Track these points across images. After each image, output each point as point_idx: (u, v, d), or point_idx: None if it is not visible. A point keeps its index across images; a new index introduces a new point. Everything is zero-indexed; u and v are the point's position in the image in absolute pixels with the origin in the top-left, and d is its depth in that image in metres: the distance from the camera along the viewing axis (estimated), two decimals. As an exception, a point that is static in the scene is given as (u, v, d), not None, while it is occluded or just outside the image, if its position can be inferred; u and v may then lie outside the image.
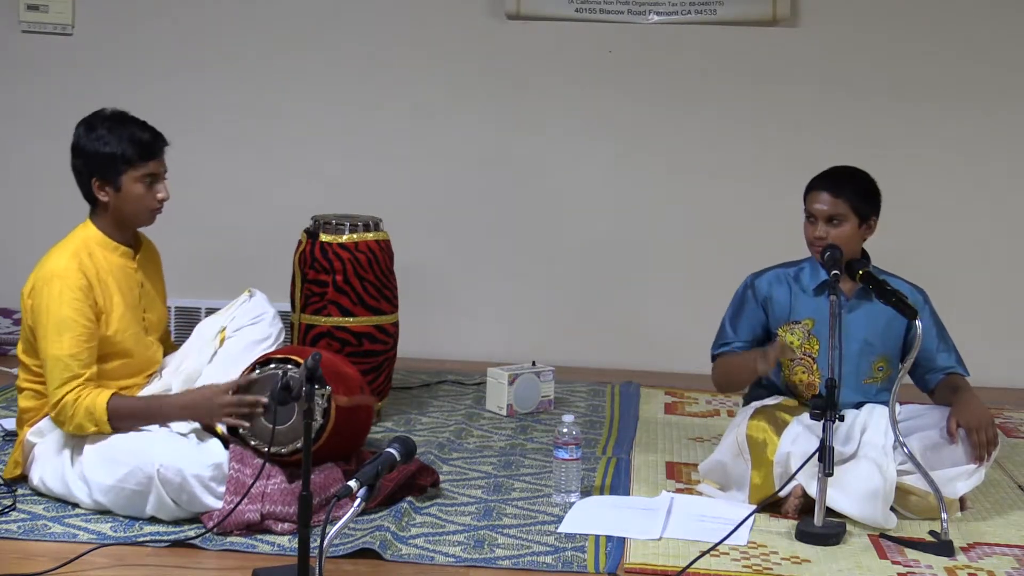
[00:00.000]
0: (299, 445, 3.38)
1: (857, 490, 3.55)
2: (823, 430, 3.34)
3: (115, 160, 3.50)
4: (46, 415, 3.55)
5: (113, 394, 3.44)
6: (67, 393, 3.41)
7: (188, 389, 3.57)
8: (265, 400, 3.42)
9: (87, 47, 5.72)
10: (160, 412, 3.48)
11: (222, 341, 3.74)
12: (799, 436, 3.59)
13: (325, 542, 2.74)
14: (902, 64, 5.51)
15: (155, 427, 3.48)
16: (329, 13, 5.65)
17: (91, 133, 3.52)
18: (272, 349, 3.72)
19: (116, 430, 3.42)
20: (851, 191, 3.76)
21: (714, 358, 4.00)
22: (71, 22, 5.71)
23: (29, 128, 5.76)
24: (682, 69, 5.59)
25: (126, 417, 3.43)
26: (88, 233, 3.59)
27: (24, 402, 3.63)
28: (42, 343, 3.46)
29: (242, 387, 3.46)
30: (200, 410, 3.47)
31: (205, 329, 3.79)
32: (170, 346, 3.88)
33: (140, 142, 3.52)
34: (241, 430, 3.46)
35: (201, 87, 5.66)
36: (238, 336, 3.75)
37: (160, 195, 3.57)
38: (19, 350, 3.63)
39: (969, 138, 5.53)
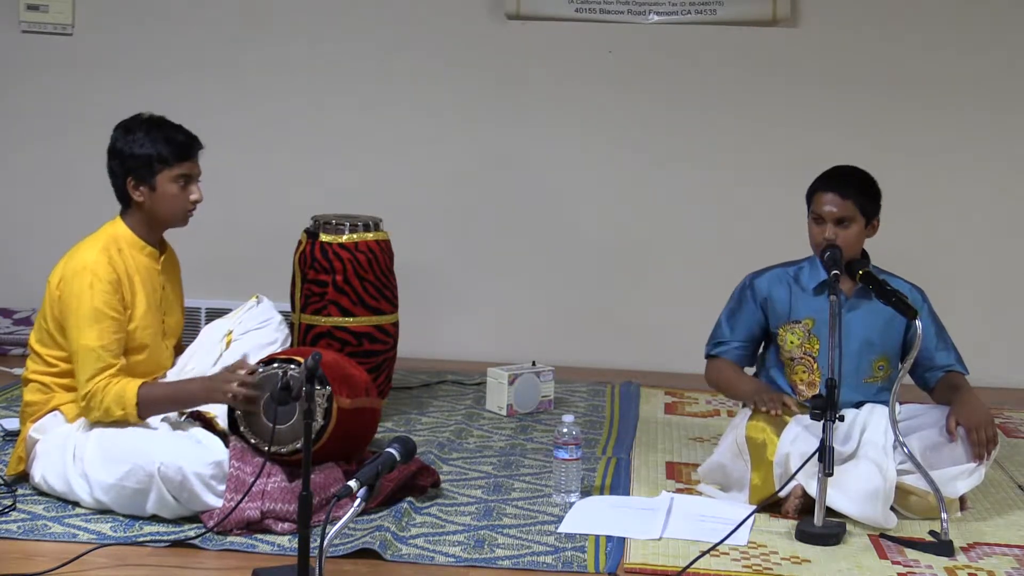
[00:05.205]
0: (298, 445, 3.37)
1: (857, 490, 3.55)
2: (823, 430, 3.34)
3: (151, 160, 3.56)
4: (50, 410, 3.57)
5: (143, 383, 3.49)
6: (98, 383, 3.45)
7: (203, 375, 3.61)
8: (262, 395, 3.42)
9: (87, 47, 5.72)
10: (185, 397, 3.53)
11: (228, 344, 3.76)
12: (798, 436, 3.59)
13: (325, 542, 2.74)
14: (902, 64, 5.51)
15: (158, 423, 3.52)
16: (329, 14, 5.65)
17: (128, 136, 3.58)
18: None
19: (140, 417, 3.47)
20: (858, 192, 3.76)
21: (708, 356, 4.01)
22: (71, 22, 5.71)
23: (29, 128, 5.77)
24: (682, 69, 5.59)
25: (154, 404, 3.49)
26: (117, 231, 3.63)
27: (29, 395, 3.63)
28: (73, 333, 3.49)
29: (249, 382, 3.46)
30: (216, 388, 3.48)
31: (211, 332, 3.82)
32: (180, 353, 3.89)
33: (175, 143, 3.59)
34: (242, 428, 3.46)
35: (201, 87, 5.65)
36: (244, 339, 3.77)
37: (193, 196, 3.63)
38: (32, 339, 3.63)
39: (970, 137, 5.52)
